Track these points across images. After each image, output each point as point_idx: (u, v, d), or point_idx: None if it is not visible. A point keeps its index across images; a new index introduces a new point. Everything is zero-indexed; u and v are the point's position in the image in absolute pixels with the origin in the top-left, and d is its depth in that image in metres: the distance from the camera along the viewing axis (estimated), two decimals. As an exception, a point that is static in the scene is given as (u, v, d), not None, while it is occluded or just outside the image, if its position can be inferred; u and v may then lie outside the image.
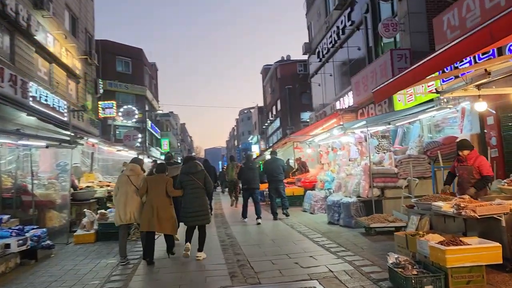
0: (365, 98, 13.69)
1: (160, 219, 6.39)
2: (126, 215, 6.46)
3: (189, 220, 6.63)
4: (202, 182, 6.68)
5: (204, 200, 6.72)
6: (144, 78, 41.78)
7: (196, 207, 6.57)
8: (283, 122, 42.51)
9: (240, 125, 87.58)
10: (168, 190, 6.56)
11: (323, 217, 10.07)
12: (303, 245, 7.11)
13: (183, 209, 6.69)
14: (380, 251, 6.17)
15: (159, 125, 51.77)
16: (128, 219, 6.50)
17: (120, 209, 6.49)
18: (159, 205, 6.42)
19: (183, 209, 6.70)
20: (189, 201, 6.60)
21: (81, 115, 19.72)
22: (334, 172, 11.19)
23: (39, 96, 13.91)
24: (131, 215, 6.47)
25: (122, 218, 6.49)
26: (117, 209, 6.55)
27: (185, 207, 6.65)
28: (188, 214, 6.59)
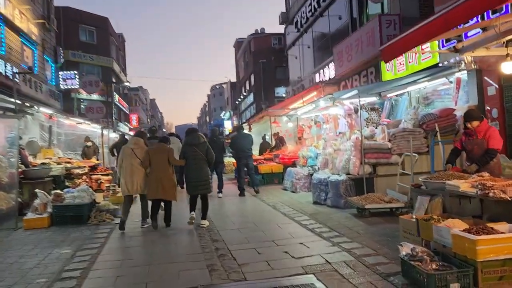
0: (348, 69, 12.86)
1: (164, 188, 6.77)
2: (134, 186, 6.86)
3: (191, 189, 7.02)
4: (204, 154, 6.96)
5: (206, 171, 7.05)
6: (111, 49, 39.46)
7: (198, 177, 6.90)
8: (257, 98, 41.43)
9: (212, 101, 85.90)
10: (171, 160, 6.90)
11: (307, 197, 9.28)
12: (289, 229, 6.28)
13: (186, 179, 7.17)
14: (380, 236, 5.42)
15: (128, 99, 49.61)
16: (135, 189, 6.91)
17: (128, 180, 6.86)
18: (162, 175, 6.79)
19: (185, 179, 7.19)
20: (192, 171, 6.94)
21: (40, 86, 18.01)
22: (318, 148, 10.38)
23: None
24: (137, 185, 6.88)
25: (129, 189, 6.89)
26: (124, 181, 6.89)
27: (187, 177, 7.07)
28: (190, 184, 7.02)
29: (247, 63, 46.22)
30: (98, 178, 12.48)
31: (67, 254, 5.34)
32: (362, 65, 11.95)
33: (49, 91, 19.37)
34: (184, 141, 7.38)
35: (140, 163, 6.89)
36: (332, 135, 8.99)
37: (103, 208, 7.68)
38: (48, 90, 19.19)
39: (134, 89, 56.07)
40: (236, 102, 54.29)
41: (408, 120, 7.89)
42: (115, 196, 9.71)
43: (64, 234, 6.56)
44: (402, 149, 7.57)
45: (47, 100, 18.51)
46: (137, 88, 58.13)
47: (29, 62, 18.15)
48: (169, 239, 6.06)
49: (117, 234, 6.47)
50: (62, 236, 6.43)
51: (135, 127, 47.75)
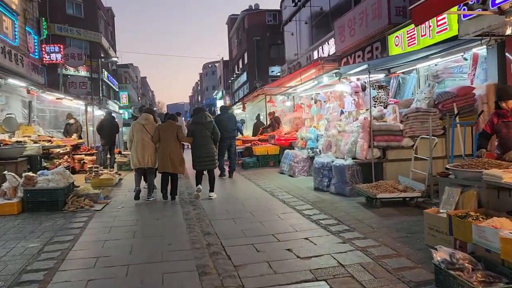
0: (351, 45, 11.99)
1: (173, 162, 7.14)
2: (144, 159, 7.26)
3: (198, 165, 7.41)
4: (210, 132, 7.35)
5: (211, 148, 7.42)
6: (99, 24, 37.96)
7: (204, 154, 7.30)
8: (250, 76, 40.35)
9: (204, 80, 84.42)
10: (179, 136, 7.29)
11: (307, 182, 8.56)
12: (291, 220, 5.55)
13: (193, 156, 7.44)
14: (397, 231, 4.71)
15: (118, 77, 48.18)
16: (146, 162, 7.29)
17: (139, 154, 7.24)
18: (171, 150, 7.16)
19: (192, 156, 7.45)
20: (198, 148, 7.32)
21: (20, 59, 16.86)
22: (318, 128, 9.62)
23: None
24: (148, 159, 7.27)
25: (140, 162, 7.28)
26: (135, 155, 7.27)
27: (194, 154, 7.40)
28: (197, 160, 7.37)
29: (240, 40, 44.89)
30: (81, 158, 11.66)
31: (33, 249, 4.56)
32: (366, 40, 11.10)
33: (31, 64, 18.17)
34: (191, 120, 7.71)
35: (151, 138, 7.27)
36: (336, 115, 8.21)
37: (82, 193, 6.88)
38: (30, 63, 18.00)
39: (124, 66, 54.50)
40: (229, 81, 53.09)
41: (422, 99, 7.12)
42: (97, 179, 8.93)
43: (35, 223, 5.76)
44: (415, 131, 6.84)
45: (29, 75, 17.34)
46: (127, 65, 56.53)
47: (9, 33, 16.92)
48: (154, 230, 5.30)
49: (94, 224, 5.69)
50: (32, 225, 5.64)
51: (124, 105, 46.54)
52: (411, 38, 8.97)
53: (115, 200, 7.35)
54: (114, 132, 12.78)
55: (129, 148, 7.62)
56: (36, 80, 17.98)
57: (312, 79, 8.51)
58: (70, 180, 6.97)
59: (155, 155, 7.32)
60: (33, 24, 19.71)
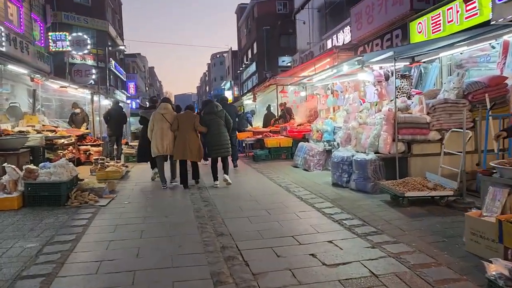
0: (368, 32, 11.44)
1: (191, 150, 7.43)
2: (164, 147, 7.51)
3: (213, 153, 7.69)
4: (223, 120, 7.66)
5: (225, 135, 7.66)
6: (106, 12, 37.48)
7: (218, 142, 7.57)
8: (260, 67, 39.75)
9: (212, 70, 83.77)
10: (195, 125, 7.52)
11: (323, 176, 8.11)
12: (311, 219, 5.11)
13: (208, 144, 7.71)
14: (431, 234, 4.25)
15: (125, 66, 47.80)
16: (165, 150, 7.54)
17: (158, 142, 7.50)
18: (189, 138, 7.44)
19: (208, 144, 7.73)
20: (213, 136, 7.59)
21: (26, 47, 16.49)
22: (335, 120, 9.13)
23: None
24: (167, 147, 7.52)
25: (159, 150, 7.53)
26: (155, 143, 7.53)
27: (209, 142, 7.67)
28: (212, 147, 7.63)
29: (249, 30, 44.20)
30: (87, 149, 11.31)
31: (32, 250, 4.18)
32: (385, 27, 10.54)
33: (37, 52, 17.80)
34: (204, 111, 7.85)
35: (170, 126, 7.52)
36: (356, 106, 7.70)
37: (86, 187, 6.50)
38: (36, 51, 17.63)
39: (131, 55, 54.10)
40: (237, 71, 52.49)
41: (450, 90, 6.61)
42: (103, 171, 8.54)
43: (36, 219, 5.39)
44: (443, 123, 6.35)
45: (35, 63, 16.97)
46: (134, 55, 56.11)
47: (14, 20, 16.55)
48: (163, 229, 4.90)
49: (99, 222, 5.30)
50: (32, 222, 5.26)
51: (132, 95, 46.23)
52: (436, 24, 8.41)
53: (122, 195, 6.97)
54: (121, 122, 12.42)
55: (149, 138, 7.73)
56: (42, 68, 17.64)
57: (331, 67, 8.01)
58: (73, 173, 6.58)
59: (173, 143, 7.57)
60: (38, 11, 19.32)
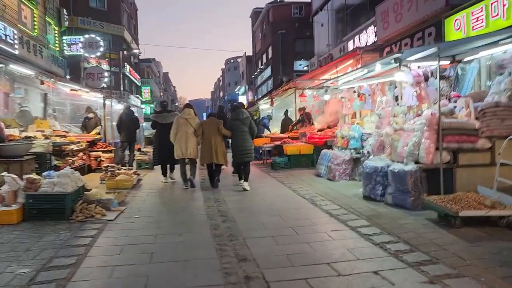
0: (396, 32, 10.69)
1: (217, 153, 7.77)
2: (187, 150, 7.91)
3: (237, 157, 7.92)
4: (247, 127, 7.90)
5: (249, 141, 7.94)
6: (122, 17, 37.44)
7: (242, 147, 7.83)
8: (275, 71, 39.13)
9: (226, 75, 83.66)
10: (220, 129, 7.88)
11: (351, 187, 7.39)
12: (347, 241, 4.40)
13: (232, 149, 8.05)
14: (501, 266, 3.49)
15: (140, 71, 47.74)
16: (189, 154, 7.93)
17: (182, 146, 7.90)
18: (214, 141, 7.78)
19: (232, 149, 8.06)
20: (237, 142, 7.89)
21: (40, 50, 16.18)
22: (363, 126, 8.39)
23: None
24: (191, 150, 7.92)
25: (183, 153, 7.93)
26: (179, 146, 7.93)
27: (233, 147, 8.01)
28: (236, 152, 7.92)
29: (264, 34, 43.68)
30: (98, 156, 10.79)
31: (23, 277, 3.56)
32: (416, 26, 9.78)
33: (51, 56, 17.49)
34: (230, 116, 8.18)
35: (194, 131, 7.91)
36: (390, 110, 6.96)
37: (93, 199, 5.90)
38: (50, 55, 17.32)
39: (146, 60, 54.12)
40: (252, 76, 51.98)
41: (500, 92, 5.84)
42: (113, 180, 7.96)
43: (35, 236, 4.79)
44: (493, 130, 5.59)
45: (48, 67, 16.65)
46: (149, 60, 56.14)
47: (28, 23, 16.27)
48: (176, 252, 4.24)
49: (104, 240, 4.67)
50: (30, 239, 4.66)
51: (147, 99, 46.07)
52: (478, 20, 7.64)
53: (131, 207, 6.35)
54: (134, 127, 11.85)
55: (172, 141, 8.03)
56: (56, 72, 17.31)
57: (362, 66, 7.28)
58: (79, 183, 5.99)
59: (196, 148, 7.99)
60: (53, 15, 19.07)
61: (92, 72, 17.33)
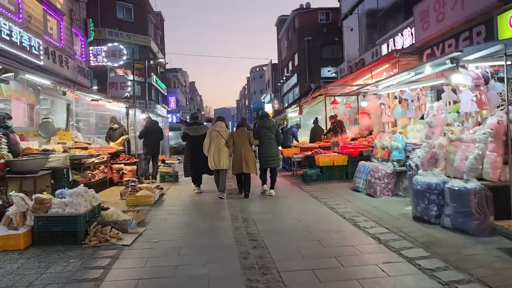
0: (438, 32, 9.79)
1: (247, 163, 8.05)
2: (220, 162, 8.15)
3: (264, 164, 8.29)
4: (274, 134, 8.25)
5: (275, 148, 8.33)
6: (148, 28, 37.70)
7: (269, 154, 8.22)
8: (301, 79, 38.38)
9: (252, 84, 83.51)
10: (250, 140, 8.19)
11: (396, 205, 6.56)
12: (406, 279, 3.60)
13: (259, 155, 8.35)
14: None
15: (166, 81, 47.98)
16: (222, 165, 8.17)
17: (215, 157, 8.17)
18: (245, 152, 8.08)
19: (259, 155, 8.36)
20: (264, 149, 8.24)
21: (66, 61, 16.08)
22: (406, 135, 7.55)
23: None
24: (223, 162, 8.17)
25: (216, 165, 8.18)
26: (212, 158, 8.19)
27: (260, 154, 8.32)
28: (263, 159, 8.27)
29: (290, 41, 43.06)
30: (120, 168, 10.30)
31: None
32: (461, 25, 8.88)
33: (77, 67, 17.40)
34: (258, 124, 8.53)
35: (225, 143, 8.22)
36: (443, 118, 6.11)
37: (108, 220, 5.32)
38: (76, 66, 17.24)
39: (172, 70, 54.47)
40: (277, 84, 51.37)
41: None
42: (133, 196, 7.41)
43: (41, 266, 4.22)
44: None
45: (75, 78, 16.57)
46: (175, 69, 56.49)
47: (54, 34, 16.20)
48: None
49: (117, 272, 4.03)
50: (35, 270, 4.09)
51: (173, 109, 46.15)
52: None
53: (151, 228, 5.73)
54: (158, 138, 11.37)
55: (206, 153, 8.32)
56: (82, 83, 17.19)
57: (409, 69, 6.47)
58: (94, 202, 5.42)
59: (229, 159, 8.29)
60: (79, 25, 19.05)
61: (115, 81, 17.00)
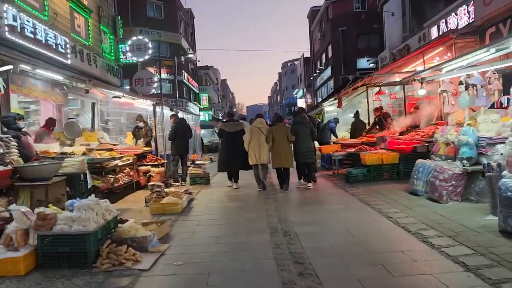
0: (505, 6, 8.39)
1: (287, 157, 8.52)
2: (261, 157, 8.69)
3: (300, 158, 8.72)
4: (309, 130, 8.70)
5: (310, 144, 8.79)
6: (179, 25, 37.28)
7: (304, 149, 8.62)
8: (335, 71, 36.79)
9: (284, 79, 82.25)
10: (288, 136, 8.54)
11: (471, 213, 5.36)
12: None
13: (295, 151, 8.74)
14: None
15: (198, 79, 47.63)
16: (262, 160, 8.72)
17: (256, 153, 8.69)
18: (283, 147, 8.51)
19: (295, 151, 8.75)
20: (300, 144, 8.63)
21: (94, 60, 15.58)
22: (477, 127, 6.31)
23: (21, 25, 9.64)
24: (264, 156, 8.70)
25: (257, 159, 8.72)
26: (253, 153, 8.71)
27: (296, 149, 8.71)
28: (299, 154, 8.69)
29: (323, 33, 41.50)
30: (147, 171, 9.55)
31: None
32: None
33: (107, 65, 16.89)
34: (293, 120, 8.87)
35: (265, 138, 8.55)
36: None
37: (125, 236, 4.47)
38: (105, 64, 16.72)
39: (204, 67, 54.14)
40: (310, 78, 49.88)
41: None
42: (158, 203, 6.56)
43: (38, 299, 3.41)
44: None
45: (104, 76, 16.06)
46: (207, 67, 56.13)
47: (81, 31, 15.73)
48: None
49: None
50: (29, 307, 3.28)
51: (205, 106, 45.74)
52: None
53: (176, 245, 4.82)
54: (187, 137, 10.50)
55: (246, 148, 8.78)
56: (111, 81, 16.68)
57: (494, 43, 5.23)
58: (109, 215, 4.58)
59: (268, 154, 8.69)
60: (108, 23, 18.58)
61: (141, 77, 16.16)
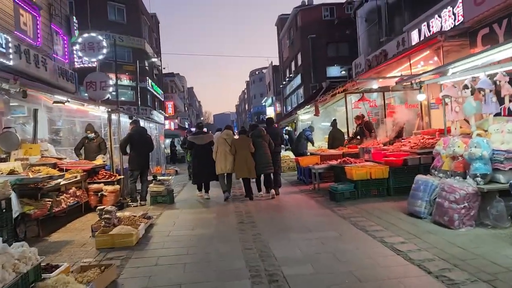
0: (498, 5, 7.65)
1: (249, 168, 8.85)
2: (226, 167, 8.91)
3: (259, 170, 9.00)
4: (267, 143, 9.07)
5: (268, 156, 9.04)
6: (142, 29, 35.66)
7: (263, 161, 8.95)
8: (305, 79, 36.23)
9: (252, 88, 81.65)
10: (250, 148, 8.90)
11: (493, 243, 4.36)
12: None
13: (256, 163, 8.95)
14: None
15: (163, 86, 45.90)
16: (227, 169, 8.94)
17: (221, 163, 8.92)
18: (247, 158, 8.86)
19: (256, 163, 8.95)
20: (259, 157, 8.95)
21: (43, 62, 13.87)
22: (489, 137, 5.39)
23: None
24: (229, 166, 8.92)
25: (223, 169, 8.95)
26: (219, 163, 8.94)
27: (257, 161, 8.95)
28: (259, 165, 8.94)
29: (292, 41, 40.97)
30: (99, 189, 8.09)
31: None
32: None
33: (58, 69, 15.13)
34: (252, 134, 9.21)
35: (230, 149, 8.92)
36: None
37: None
38: (56, 68, 14.97)
39: (170, 75, 52.49)
40: (280, 86, 49.26)
41: None
42: (107, 234, 5.20)
43: None
44: None
45: (55, 81, 14.34)
46: (172, 74, 54.45)
47: (28, 30, 13.99)
48: None
49: None
50: None
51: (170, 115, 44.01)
52: None
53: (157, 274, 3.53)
54: (147, 150, 9.09)
55: (214, 159, 8.95)
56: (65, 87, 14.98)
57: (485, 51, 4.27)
58: (24, 266, 3.23)
59: (233, 164, 8.88)
60: (61, 23, 16.88)
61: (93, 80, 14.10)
